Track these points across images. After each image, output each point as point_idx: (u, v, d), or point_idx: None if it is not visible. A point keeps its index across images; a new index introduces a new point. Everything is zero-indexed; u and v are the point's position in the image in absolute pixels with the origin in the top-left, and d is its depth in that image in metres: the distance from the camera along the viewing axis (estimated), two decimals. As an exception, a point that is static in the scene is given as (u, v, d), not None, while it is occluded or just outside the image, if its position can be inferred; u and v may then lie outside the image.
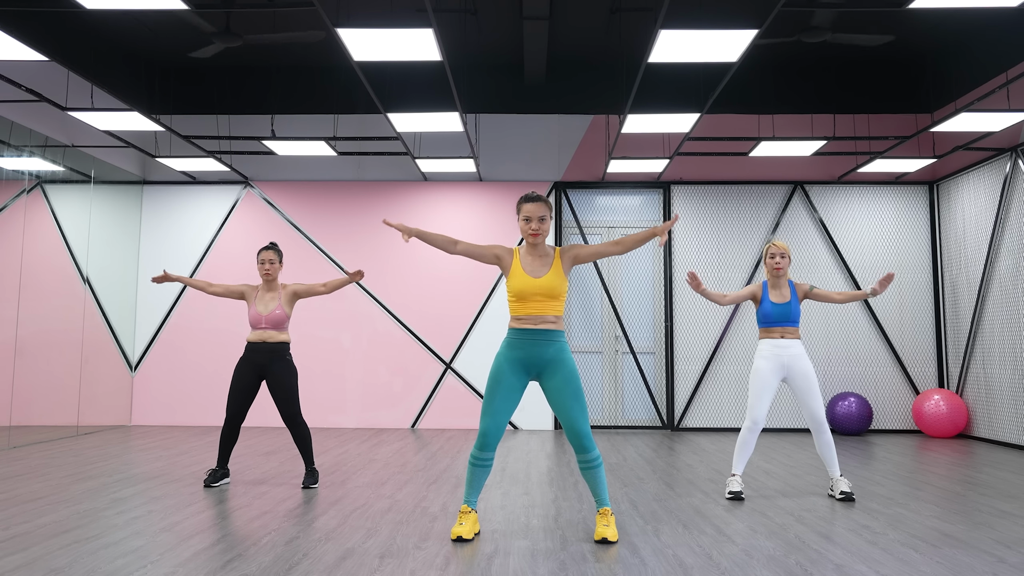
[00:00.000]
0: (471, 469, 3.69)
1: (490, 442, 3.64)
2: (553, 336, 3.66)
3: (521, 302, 3.67)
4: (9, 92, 6.83)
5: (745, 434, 4.69)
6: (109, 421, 8.26)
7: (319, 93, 8.73)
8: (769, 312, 4.72)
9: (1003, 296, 7.44)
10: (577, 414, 3.60)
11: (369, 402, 8.55)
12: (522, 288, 3.65)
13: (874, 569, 3.18)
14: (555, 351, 3.65)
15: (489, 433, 3.63)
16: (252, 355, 4.97)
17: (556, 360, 3.64)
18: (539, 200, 3.70)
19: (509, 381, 3.65)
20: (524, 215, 3.70)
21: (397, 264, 8.71)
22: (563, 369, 3.63)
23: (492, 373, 3.68)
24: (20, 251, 7.05)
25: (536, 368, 3.67)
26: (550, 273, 3.67)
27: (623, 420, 8.60)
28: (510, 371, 3.65)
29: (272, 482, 5.09)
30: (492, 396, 3.64)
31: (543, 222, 3.69)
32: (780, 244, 4.75)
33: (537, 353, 3.65)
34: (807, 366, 4.65)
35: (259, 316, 4.97)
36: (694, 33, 4.79)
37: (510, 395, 3.65)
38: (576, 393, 3.61)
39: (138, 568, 3.12)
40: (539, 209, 3.68)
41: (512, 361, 3.66)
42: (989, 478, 5.44)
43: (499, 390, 3.64)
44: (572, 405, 3.60)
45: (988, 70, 7.28)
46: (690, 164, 8.70)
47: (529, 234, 3.69)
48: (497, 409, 3.64)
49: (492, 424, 3.63)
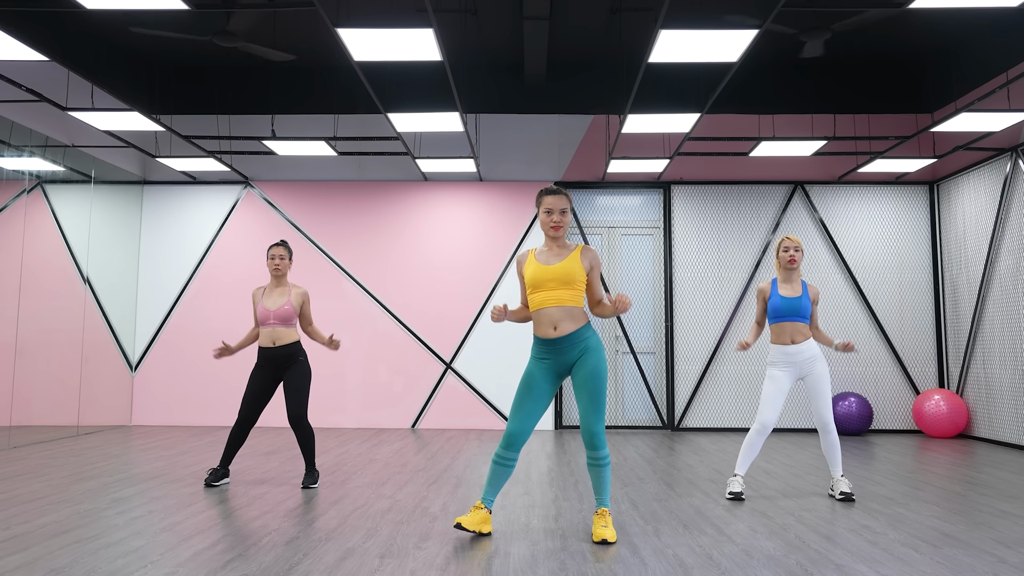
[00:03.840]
0: (493, 467, 3.71)
1: (515, 443, 3.66)
2: (574, 340, 3.62)
3: (535, 291, 3.65)
4: (9, 92, 6.83)
5: (753, 436, 4.68)
6: (109, 421, 8.26)
7: (319, 93, 8.73)
8: (778, 305, 4.70)
9: (1003, 296, 7.44)
10: (592, 413, 3.62)
11: (369, 402, 8.54)
12: (534, 275, 3.64)
13: (874, 569, 3.18)
14: (579, 351, 3.64)
15: (515, 434, 3.65)
16: (267, 362, 4.99)
17: (581, 360, 3.64)
18: (560, 193, 3.70)
19: (539, 385, 3.67)
20: (545, 207, 3.69)
21: (397, 264, 8.71)
22: (585, 368, 3.62)
23: (524, 375, 3.71)
24: (20, 251, 7.06)
25: (565, 370, 3.70)
26: (566, 261, 3.65)
27: (623, 420, 8.60)
28: (540, 376, 3.68)
29: (272, 482, 5.09)
30: (522, 398, 3.67)
31: (564, 215, 3.68)
32: (794, 238, 4.74)
33: (561, 360, 3.67)
34: (822, 369, 4.64)
35: (267, 312, 4.99)
36: (694, 33, 4.79)
37: (540, 398, 3.67)
38: (592, 394, 3.61)
39: (138, 568, 3.12)
40: (560, 201, 3.68)
41: (541, 367, 3.69)
42: (989, 478, 5.44)
43: (529, 393, 3.66)
44: (588, 405, 3.62)
45: (988, 70, 7.28)
46: (690, 164, 8.70)
47: (551, 227, 3.68)
48: (527, 412, 3.66)
49: (519, 426, 3.65)
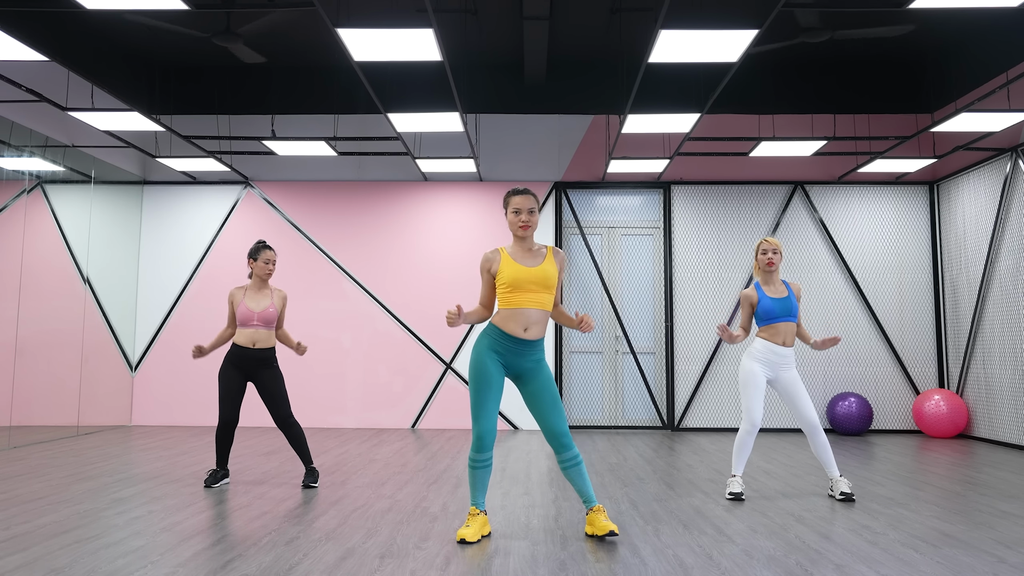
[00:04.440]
0: (472, 473, 3.68)
1: (487, 443, 3.63)
2: (536, 346, 3.70)
3: (515, 292, 3.64)
4: (9, 92, 6.83)
5: (744, 436, 4.68)
6: (109, 421, 8.26)
7: (319, 93, 8.73)
8: (770, 307, 4.70)
9: (1003, 296, 7.44)
10: (558, 416, 3.67)
11: (369, 402, 8.54)
12: (515, 276, 3.63)
13: (874, 569, 3.18)
14: (535, 360, 3.70)
15: (485, 435, 3.62)
16: (239, 360, 4.97)
17: (535, 369, 3.69)
18: (527, 193, 3.74)
19: (497, 382, 3.66)
20: (513, 208, 3.72)
21: (397, 264, 8.71)
22: (540, 375, 3.69)
23: (478, 373, 3.63)
24: (20, 251, 7.06)
25: (514, 372, 3.71)
26: (545, 263, 3.69)
27: (623, 420, 8.60)
28: (496, 372, 3.65)
29: (272, 482, 5.09)
30: (483, 397, 3.62)
31: (532, 215, 3.71)
32: (772, 240, 4.74)
33: (519, 362, 3.68)
34: (794, 372, 4.71)
35: (251, 313, 4.97)
36: (694, 33, 4.79)
37: (498, 393, 3.67)
38: (554, 398, 3.68)
39: (138, 568, 3.12)
40: (527, 201, 3.71)
41: (495, 361, 3.66)
42: (989, 478, 5.44)
43: (490, 391, 3.63)
44: (552, 408, 3.67)
45: (988, 70, 7.28)
46: (690, 164, 8.70)
47: (519, 226, 3.69)
48: (490, 410, 3.64)
49: (487, 425, 3.62)
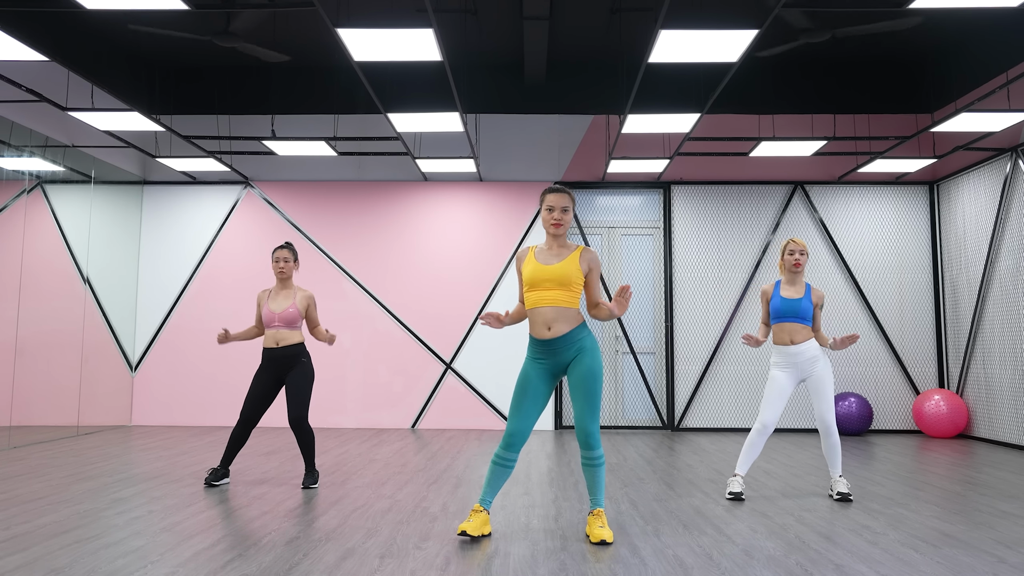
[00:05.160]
0: (492, 467, 3.71)
1: (515, 443, 3.66)
2: (568, 341, 3.64)
3: (532, 290, 3.66)
4: (9, 92, 6.83)
5: (754, 436, 4.69)
6: (109, 421, 8.26)
7: (319, 93, 8.73)
8: (778, 306, 4.72)
9: (1003, 296, 7.44)
10: (587, 413, 3.62)
11: (369, 402, 8.54)
12: (533, 273, 3.65)
13: (874, 569, 3.18)
14: (575, 352, 3.65)
15: (515, 434, 3.65)
16: (269, 363, 4.99)
17: (576, 361, 3.66)
18: (562, 191, 3.72)
19: (536, 386, 3.68)
20: (547, 205, 3.72)
21: (397, 264, 8.71)
22: (580, 369, 3.64)
23: (520, 375, 3.72)
24: (20, 251, 7.05)
25: (560, 370, 3.71)
26: (564, 262, 3.66)
27: (623, 420, 8.60)
28: (536, 376, 3.69)
29: (272, 482, 5.09)
30: (520, 399, 3.68)
31: (566, 213, 3.70)
32: (799, 241, 4.77)
33: (556, 360, 3.68)
34: (824, 370, 4.65)
35: (272, 314, 4.99)
36: (694, 33, 4.79)
37: (537, 398, 3.69)
38: (588, 394, 3.62)
39: (138, 568, 3.12)
40: (562, 199, 3.70)
41: (536, 367, 3.70)
42: (989, 478, 5.44)
43: (526, 394, 3.67)
44: (583, 405, 3.63)
45: (988, 70, 7.28)
46: (690, 164, 8.70)
47: (551, 224, 3.69)
48: (526, 412, 3.67)
49: (518, 426, 3.66)
